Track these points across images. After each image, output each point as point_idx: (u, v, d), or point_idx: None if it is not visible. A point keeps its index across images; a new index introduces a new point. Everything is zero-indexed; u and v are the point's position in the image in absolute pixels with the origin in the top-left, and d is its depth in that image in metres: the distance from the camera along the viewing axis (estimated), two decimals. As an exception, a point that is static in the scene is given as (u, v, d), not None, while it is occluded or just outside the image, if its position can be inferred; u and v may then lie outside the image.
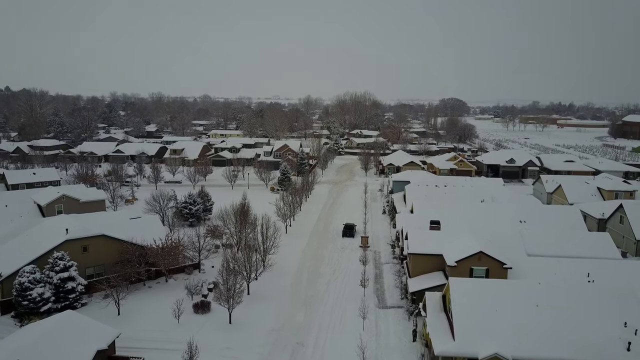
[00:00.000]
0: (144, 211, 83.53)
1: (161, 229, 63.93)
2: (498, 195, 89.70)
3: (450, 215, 71.03)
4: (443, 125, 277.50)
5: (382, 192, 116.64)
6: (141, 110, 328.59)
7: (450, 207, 75.02)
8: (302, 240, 77.76)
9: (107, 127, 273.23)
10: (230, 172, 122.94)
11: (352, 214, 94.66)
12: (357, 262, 65.23)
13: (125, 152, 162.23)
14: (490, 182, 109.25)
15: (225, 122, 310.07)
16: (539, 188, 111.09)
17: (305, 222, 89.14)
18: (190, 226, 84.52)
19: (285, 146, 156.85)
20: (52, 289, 50.48)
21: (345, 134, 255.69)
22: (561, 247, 61.33)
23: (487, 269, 49.03)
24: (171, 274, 60.52)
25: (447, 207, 74.88)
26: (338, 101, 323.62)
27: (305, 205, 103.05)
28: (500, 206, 77.89)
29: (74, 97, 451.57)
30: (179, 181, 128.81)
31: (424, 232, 56.29)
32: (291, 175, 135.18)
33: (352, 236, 79.74)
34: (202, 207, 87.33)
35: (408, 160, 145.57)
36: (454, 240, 54.37)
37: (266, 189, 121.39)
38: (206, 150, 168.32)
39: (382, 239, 78.78)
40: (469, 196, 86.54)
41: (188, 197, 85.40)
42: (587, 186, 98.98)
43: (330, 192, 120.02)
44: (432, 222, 58.38)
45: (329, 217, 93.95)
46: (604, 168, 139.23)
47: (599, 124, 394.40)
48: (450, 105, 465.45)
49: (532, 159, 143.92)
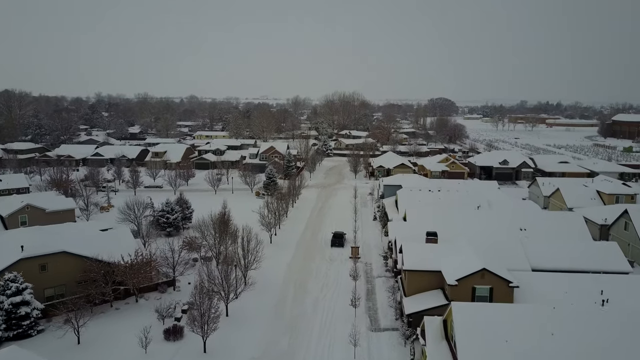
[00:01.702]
0: (118, 220, 77.69)
1: (132, 242, 58.13)
2: (494, 200, 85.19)
3: (446, 224, 66.26)
4: (432, 125, 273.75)
5: (372, 196, 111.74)
6: (125, 112, 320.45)
7: (446, 214, 70.31)
8: (288, 251, 72.42)
9: (89, 129, 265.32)
10: (213, 176, 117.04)
11: (341, 220, 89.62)
12: (347, 276, 60.09)
13: (105, 155, 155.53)
14: (485, 185, 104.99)
15: (211, 123, 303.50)
16: (535, 191, 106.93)
17: (292, 230, 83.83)
18: (168, 236, 78.80)
19: (272, 148, 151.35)
20: (2, 315, 44.63)
21: (333, 135, 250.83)
22: (567, 259, 56.89)
23: (491, 287, 44.15)
24: (143, 292, 54.88)
25: (442, 214, 70.16)
26: (326, 101, 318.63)
27: (292, 212, 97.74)
28: (498, 213, 73.31)
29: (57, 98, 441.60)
30: (159, 186, 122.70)
31: (420, 246, 51.29)
32: (278, 178, 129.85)
33: (341, 246, 74.62)
34: (181, 216, 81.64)
35: (398, 162, 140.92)
36: (452, 254, 49.52)
37: (251, 194, 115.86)
38: (190, 152, 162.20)
39: (373, 248, 73.75)
40: (464, 201, 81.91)
41: (165, 205, 79.62)
42: (585, 189, 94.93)
43: (318, 197, 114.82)
44: (428, 234, 53.41)
45: (317, 224, 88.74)
46: (599, 169, 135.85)
47: (588, 123, 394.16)
48: (439, 105, 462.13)
49: (526, 160, 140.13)
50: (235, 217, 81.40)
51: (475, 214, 71.73)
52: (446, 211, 71.76)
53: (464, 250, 49.84)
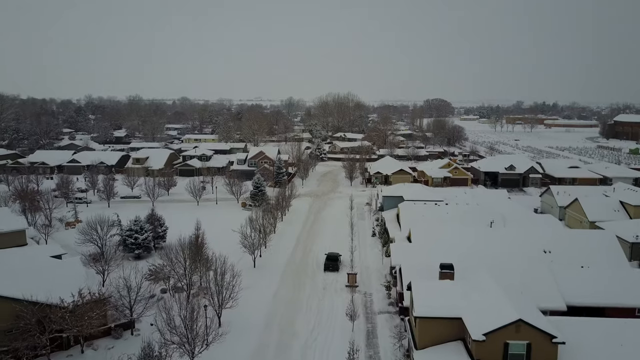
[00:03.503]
0: (77, 243, 67.37)
1: (80, 275, 47.83)
2: (508, 214, 75.56)
3: (458, 247, 56.58)
4: (430, 127, 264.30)
5: (370, 207, 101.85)
6: (112, 114, 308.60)
7: (457, 234, 60.62)
8: (274, 277, 62.29)
9: (72, 133, 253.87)
10: (195, 185, 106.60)
11: (336, 237, 79.71)
12: (342, 314, 50.08)
13: (82, 162, 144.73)
14: (493, 195, 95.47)
15: (201, 126, 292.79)
16: (548, 201, 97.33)
17: (280, 250, 73.75)
18: (137, 259, 68.63)
19: (261, 153, 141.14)
20: None
21: (328, 138, 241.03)
22: (607, 291, 47.40)
23: (529, 343, 34.32)
24: (92, 339, 44.67)
25: (453, 234, 60.46)
26: (320, 102, 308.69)
27: (281, 226, 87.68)
28: (515, 231, 63.45)
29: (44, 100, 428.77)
30: (137, 196, 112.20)
31: (433, 285, 41.34)
32: (267, 186, 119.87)
33: (336, 270, 64.62)
34: (153, 235, 71.43)
35: (397, 168, 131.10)
36: (474, 292, 39.70)
37: (237, 205, 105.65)
38: (174, 158, 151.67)
39: (373, 273, 63.77)
40: (474, 216, 72.17)
41: (134, 223, 69.31)
42: (607, 200, 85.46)
43: (310, 208, 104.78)
44: (442, 267, 43.44)
45: (308, 242, 78.74)
46: (612, 174, 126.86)
47: (587, 123, 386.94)
48: (435, 106, 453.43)
49: (534, 165, 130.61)
50: (214, 236, 71.93)
51: (490, 234, 62.01)
52: (457, 230, 62.02)
53: (488, 288, 40.02)
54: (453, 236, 59.82)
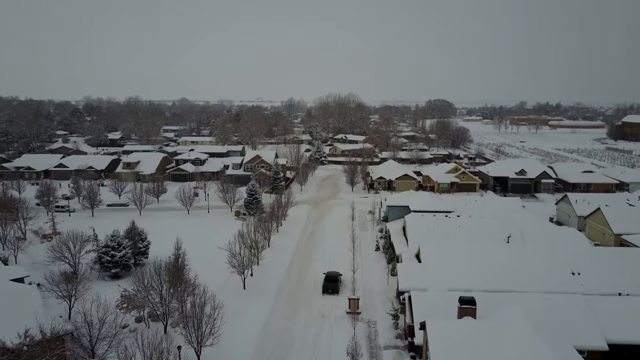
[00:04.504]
0: (46, 262, 60.41)
1: (36, 307, 40.81)
2: (526, 227, 68.31)
3: (477, 272, 49.76)
4: (433, 129, 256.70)
5: (373, 216, 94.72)
6: (109, 116, 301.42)
7: (473, 254, 53.55)
8: (265, 301, 55.15)
9: (66, 136, 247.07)
10: (186, 193, 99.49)
11: (336, 252, 72.66)
12: (343, 350, 42.92)
13: (70, 167, 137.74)
14: (506, 203, 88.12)
15: (199, 128, 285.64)
16: (565, 209, 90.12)
17: (274, 267, 66.65)
18: (114, 278, 61.66)
19: (258, 157, 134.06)
20: None
21: (328, 140, 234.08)
22: (654, 325, 40.40)
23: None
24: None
25: (469, 254, 53.39)
26: (321, 103, 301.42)
27: (276, 238, 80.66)
28: (538, 250, 56.26)
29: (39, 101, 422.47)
30: (124, 204, 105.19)
31: (452, 326, 34.18)
32: (264, 192, 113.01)
33: (335, 292, 57.52)
34: (133, 251, 64.40)
35: (401, 173, 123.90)
36: (501, 336, 32.62)
37: (230, 213, 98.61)
38: (166, 162, 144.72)
39: (378, 296, 56.64)
40: (489, 230, 65.10)
41: (110, 239, 62.28)
42: (632, 210, 78.23)
43: (309, 216, 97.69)
44: (462, 302, 36.11)
45: (305, 257, 71.66)
46: (629, 179, 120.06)
47: (593, 124, 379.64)
48: (437, 106, 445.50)
49: (546, 169, 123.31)
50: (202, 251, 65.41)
51: (511, 253, 54.78)
52: (472, 249, 54.89)
53: (518, 329, 32.95)
54: (469, 257, 52.79)
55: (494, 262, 52.08)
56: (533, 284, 48.62)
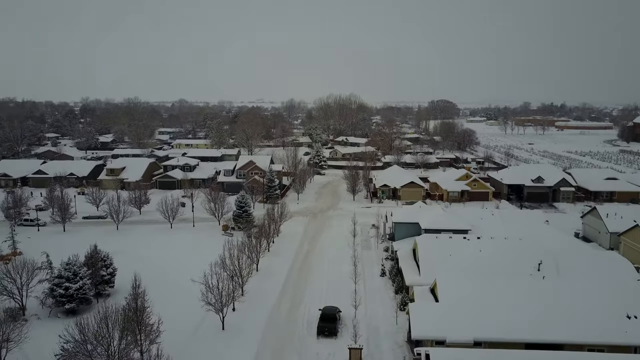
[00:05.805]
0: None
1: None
2: (555, 248, 58.23)
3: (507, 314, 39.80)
4: (437, 130, 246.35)
5: (377, 231, 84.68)
6: (103, 118, 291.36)
7: (501, 290, 43.58)
8: (247, 349, 44.98)
9: (56, 139, 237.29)
10: (168, 204, 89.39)
11: (335, 277, 62.71)
12: None
13: (50, 173, 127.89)
14: (526, 218, 77.46)
15: (195, 130, 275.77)
16: (593, 224, 79.95)
17: (260, 299, 56.52)
18: (69, 314, 51.60)
19: (251, 163, 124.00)
20: None
21: (329, 142, 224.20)
22: None
23: None
24: None
25: (496, 290, 43.46)
26: (321, 104, 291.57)
27: (266, 259, 70.49)
28: (582, 287, 45.52)
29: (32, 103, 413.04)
30: (102, 216, 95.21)
31: None
32: (257, 202, 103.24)
33: (333, 334, 47.47)
34: (94, 281, 54.40)
35: (407, 181, 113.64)
36: None
37: (218, 227, 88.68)
38: (154, 168, 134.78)
39: (384, 340, 46.50)
40: (516, 254, 54.91)
41: (65, 268, 52.25)
42: (674, 226, 68.12)
43: (306, 231, 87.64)
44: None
45: (299, 286, 61.52)
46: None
47: (602, 125, 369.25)
48: (440, 107, 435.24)
49: (565, 176, 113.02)
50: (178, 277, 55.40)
51: (548, 290, 44.56)
52: (500, 284, 44.83)
53: None
54: (497, 294, 42.76)
55: (527, 301, 42.08)
56: (580, 332, 38.70)
